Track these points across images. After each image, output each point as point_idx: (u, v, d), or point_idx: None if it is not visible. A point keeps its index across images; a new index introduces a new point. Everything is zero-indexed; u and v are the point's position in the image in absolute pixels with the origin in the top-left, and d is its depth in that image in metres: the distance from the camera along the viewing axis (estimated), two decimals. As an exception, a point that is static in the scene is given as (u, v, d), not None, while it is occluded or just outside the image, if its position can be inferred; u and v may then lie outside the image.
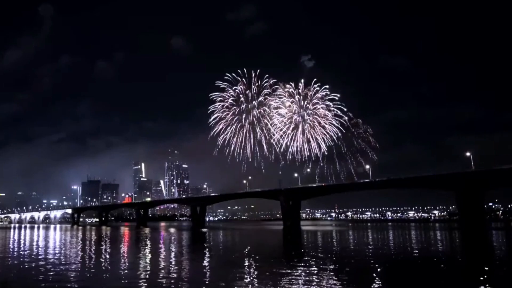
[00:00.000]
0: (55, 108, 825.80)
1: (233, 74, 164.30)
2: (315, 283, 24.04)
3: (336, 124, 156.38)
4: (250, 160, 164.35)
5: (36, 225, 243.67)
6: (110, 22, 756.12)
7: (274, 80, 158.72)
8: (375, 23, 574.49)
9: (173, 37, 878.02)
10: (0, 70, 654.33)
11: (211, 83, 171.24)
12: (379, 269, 30.65)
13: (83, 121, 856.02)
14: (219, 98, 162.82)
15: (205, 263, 36.56)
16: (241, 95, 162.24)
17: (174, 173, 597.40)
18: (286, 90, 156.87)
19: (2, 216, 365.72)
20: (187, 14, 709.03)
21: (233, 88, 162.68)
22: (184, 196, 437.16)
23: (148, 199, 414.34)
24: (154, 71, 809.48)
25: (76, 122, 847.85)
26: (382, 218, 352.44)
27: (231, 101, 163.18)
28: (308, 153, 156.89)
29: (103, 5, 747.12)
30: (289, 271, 28.44)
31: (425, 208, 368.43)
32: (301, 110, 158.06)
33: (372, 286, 23.68)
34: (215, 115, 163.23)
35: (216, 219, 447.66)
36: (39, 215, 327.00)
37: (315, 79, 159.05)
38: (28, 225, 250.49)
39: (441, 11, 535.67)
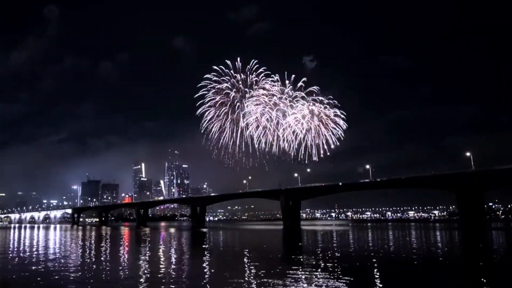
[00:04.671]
0: (57, 109, 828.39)
1: (222, 68, 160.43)
2: (315, 283, 24.03)
3: (334, 126, 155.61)
4: (246, 160, 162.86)
5: (36, 225, 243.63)
6: (113, 23, 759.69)
7: (271, 82, 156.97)
8: (377, 23, 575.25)
9: (175, 37, 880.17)
10: (5, 71, 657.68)
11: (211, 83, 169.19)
12: (379, 269, 30.63)
13: (84, 122, 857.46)
14: (209, 98, 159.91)
15: (205, 263, 36.54)
16: (234, 97, 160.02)
17: (174, 173, 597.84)
18: (285, 91, 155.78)
19: (2, 216, 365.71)
20: (188, 14, 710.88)
21: (224, 86, 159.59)
22: (184, 196, 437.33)
23: (161, 198, 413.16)
24: (156, 71, 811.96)
25: (78, 122, 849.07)
26: (382, 218, 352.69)
27: (223, 99, 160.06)
28: (303, 153, 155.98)
29: (106, 6, 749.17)
30: (289, 271, 28.43)
31: (425, 208, 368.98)
32: (298, 112, 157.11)
33: (372, 286, 23.68)
34: (207, 116, 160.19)
35: (216, 219, 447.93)
36: (39, 215, 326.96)
37: (315, 87, 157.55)
38: (28, 225, 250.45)
39: (442, 12, 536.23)
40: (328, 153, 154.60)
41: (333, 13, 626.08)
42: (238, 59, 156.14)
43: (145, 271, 31.02)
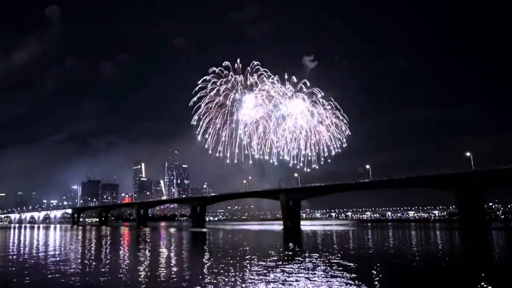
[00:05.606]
0: (57, 109, 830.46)
1: (220, 69, 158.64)
2: (315, 283, 24.04)
3: (335, 129, 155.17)
4: (246, 162, 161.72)
5: (36, 225, 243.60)
6: (114, 23, 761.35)
7: (271, 83, 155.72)
8: (378, 23, 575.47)
9: (176, 37, 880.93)
10: (6, 71, 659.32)
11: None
12: (379, 269, 30.63)
13: (85, 122, 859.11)
14: (208, 100, 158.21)
15: (205, 263, 36.55)
16: (230, 95, 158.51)
17: (174, 173, 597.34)
18: (286, 93, 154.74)
19: (2, 216, 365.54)
20: (189, 14, 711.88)
21: (221, 84, 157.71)
22: (184, 196, 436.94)
23: (163, 198, 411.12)
24: (157, 71, 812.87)
25: (78, 122, 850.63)
26: (382, 218, 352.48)
27: (220, 98, 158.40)
28: (303, 160, 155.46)
29: (108, 7, 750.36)
30: (289, 271, 28.45)
31: (425, 208, 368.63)
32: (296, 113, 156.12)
33: (372, 286, 23.68)
34: (205, 117, 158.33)
35: (216, 219, 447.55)
36: (39, 215, 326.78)
37: (316, 88, 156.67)
38: (28, 225, 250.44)
39: (443, 12, 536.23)
40: (329, 160, 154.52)
41: (334, 13, 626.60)
42: (238, 60, 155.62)
43: (145, 272, 31.04)
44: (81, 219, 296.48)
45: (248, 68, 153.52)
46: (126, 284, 25.55)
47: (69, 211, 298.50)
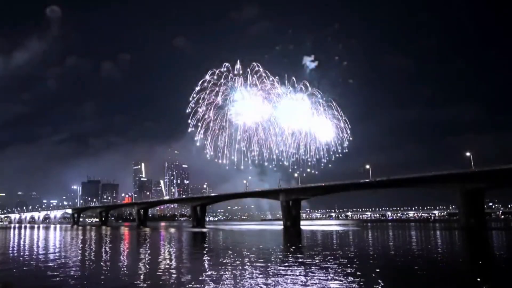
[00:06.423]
0: (58, 109, 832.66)
1: (219, 70, 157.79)
2: (315, 283, 24.05)
3: (336, 131, 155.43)
4: (245, 163, 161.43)
5: (36, 225, 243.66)
6: (115, 24, 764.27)
7: (271, 84, 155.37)
8: (378, 23, 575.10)
9: (176, 37, 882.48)
10: (7, 71, 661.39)
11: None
12: (379, 269, 30.61)
13: (85, 122, 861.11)
14: (208, 101, 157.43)
15: (205, 263, 36.57)
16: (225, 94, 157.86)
17: (174, 173, 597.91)
18: (286, 94, 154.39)
19: (2, 216, 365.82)
20: (189, 14, 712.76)
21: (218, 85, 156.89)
22: (184, 196, 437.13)
23: (166, 197, 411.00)
24: (157, 71, 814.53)
25: (78, 122, 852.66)
26: (382, 218, 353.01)
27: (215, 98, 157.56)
28: (302, 164, 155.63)
29: (108, 7, 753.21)
30: (289, 271, 28.47)
31: (425, 208, 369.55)
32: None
33: (372, 286, 23.67)
34: (205, 118, 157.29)
35: (216, 219, 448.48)
36: (39, 215, 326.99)
37: (316, 89, 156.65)
38: (28, 225, 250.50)
39: (444, 12, 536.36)
40: (330, 165, 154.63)
41: (335, 14, 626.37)
42: (238, 61, 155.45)
43: (145, 272, 31.04)
44: (81, 219, 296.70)
45: (248, 69, 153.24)
46: (126, 284, 25.55)
47: (69, 211, 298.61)
